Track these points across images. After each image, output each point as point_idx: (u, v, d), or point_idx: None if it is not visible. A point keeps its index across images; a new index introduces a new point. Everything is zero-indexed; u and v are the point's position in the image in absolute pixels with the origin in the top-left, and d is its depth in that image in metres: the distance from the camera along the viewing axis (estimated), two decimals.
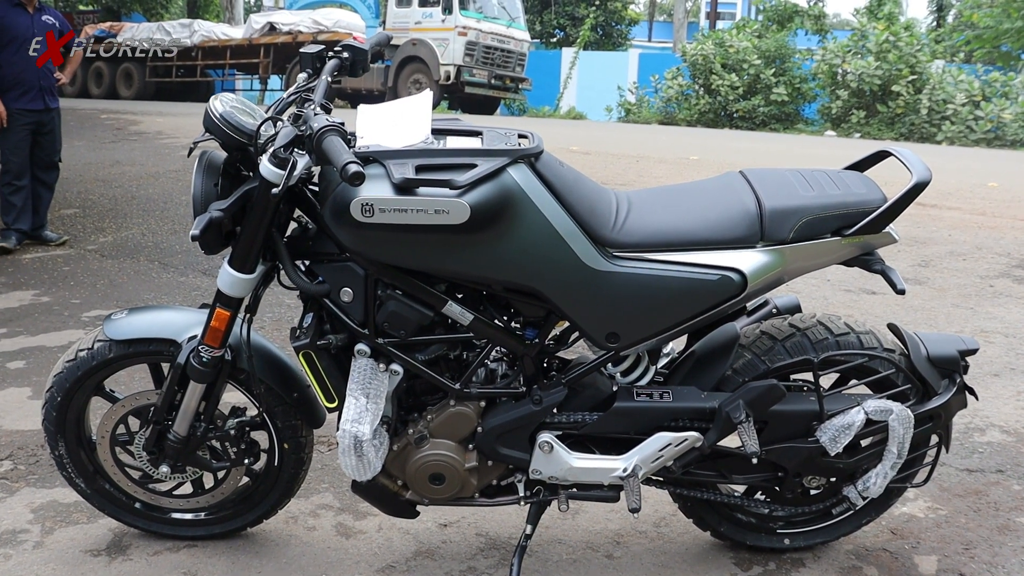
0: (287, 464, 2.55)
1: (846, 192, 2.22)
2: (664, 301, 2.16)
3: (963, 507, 2.93)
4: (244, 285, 2.22)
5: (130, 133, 12.88)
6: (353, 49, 2.36)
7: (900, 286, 2.20)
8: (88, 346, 2.44)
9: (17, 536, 2.69)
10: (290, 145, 2.00)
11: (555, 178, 2.11)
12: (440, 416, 2.29)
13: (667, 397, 2.29)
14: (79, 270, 5.78)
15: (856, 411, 2.29)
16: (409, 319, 2.17)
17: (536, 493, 2.38)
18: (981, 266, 5.82)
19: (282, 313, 4.74)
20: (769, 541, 2.61)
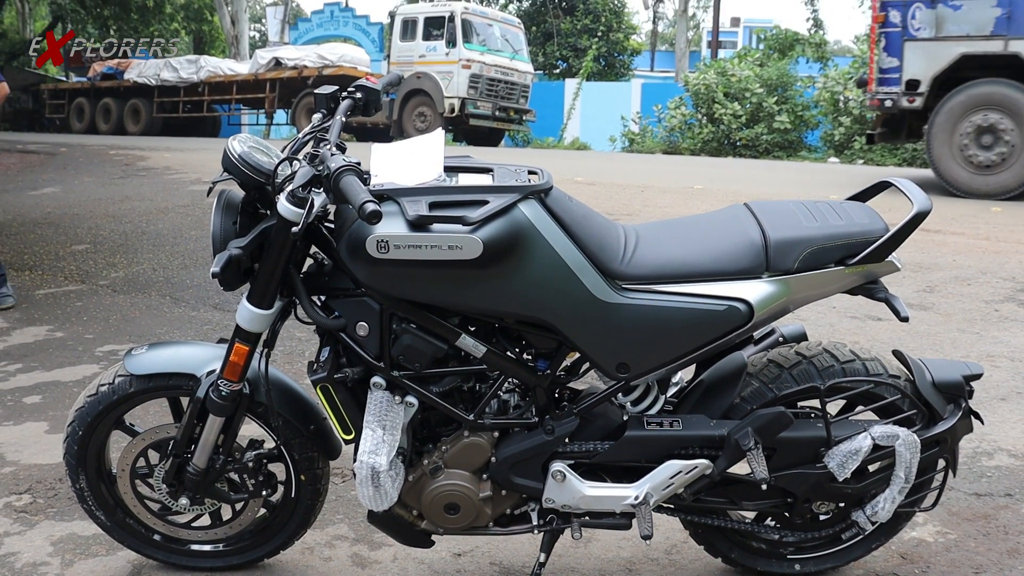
0: (304, 495, 2.59)
1: (849, 223, 2.27)
2: (673, 331, 2.21)
3: (972, 531, 2.95)
4: (263, 320, 2.27)
5: (138, 168, 13.00)
6: (366, 89, 2.43)
7: (904, 313, 2.25)
8: (109, 381, 2.49)
9: (38, 569, 2.73)
10: (308, 185, 2.06)
11: (565, 213, 2.17)
12: (455, 447, 2.33)
13: (677, 425, 2.33)
14: (92, 305, 5.85)
15: (863, 437, 2.33)
16: (424, 352, 2.22)
17: (549, 521, 2.41)
18: (986, 291, 5.85)
19: (294, 347, 4.79)
20: (780, 567, 2.64)
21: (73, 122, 24.91)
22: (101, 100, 24.17)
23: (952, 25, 9.37)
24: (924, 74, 9.56)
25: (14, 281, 6.48)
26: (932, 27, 9.47)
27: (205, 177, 2.84)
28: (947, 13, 9.36)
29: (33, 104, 27.65)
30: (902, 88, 9.74)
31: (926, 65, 9.53)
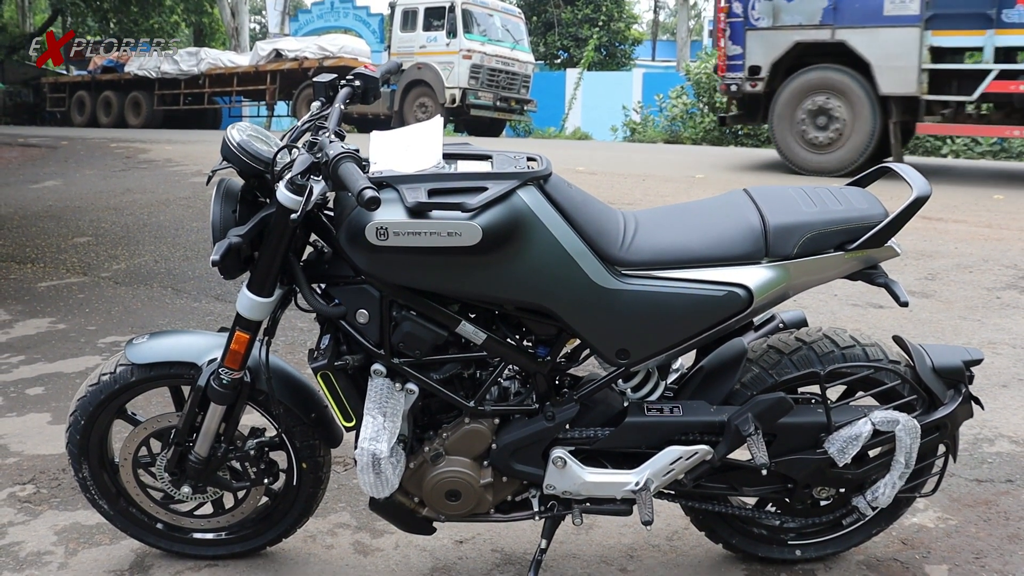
0: (305, 483, 2.60)
1: (848, 208, 2.27)
2: (672, 317, 2.21)
3: (973, 517, 2.95)
4: (263, 308, 2.28)
5: (140, 161, 13.01)
6: (364, 77, 2.42)
7: (903, 298, 2.25)
8: (111, 370, 2.50)
9: (42, 558, 2.75)
10: (307, 172, 2.06)
11: (564, 199, 2.17)
12: (455, 434, 2.34)
13: (677, 411, 2.34)
14: (94, 297, 5.86)
15: (863, 422, 2.33)
16: (424, 339, 2.22)
17: (550, 508, 2.42)
18: (988, 278, 5.84)
19: (296, 336, 4.79)
20: (781, 552, 2.65)
21: (74, 115, 24.90)
22: (102, 93, 24.15)
23: (787, 16, 10.29)
24: (764, 61, 10.48)
25: (16, 274, 6.50)
26: (770, 17, 10.41)
27: (206, 169, 2.84)
28: (782, 4, 10.29)
29: (34, 98, 27.65)
30: (745, 74, 10.65)
31: (765, 52, 10.44)
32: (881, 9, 9.58)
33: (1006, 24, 9.07)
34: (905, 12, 9.50)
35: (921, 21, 9.42)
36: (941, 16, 9.42)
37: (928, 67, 9.47)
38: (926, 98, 9.58)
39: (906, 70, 9.52)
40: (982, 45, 9.31)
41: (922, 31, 9.41)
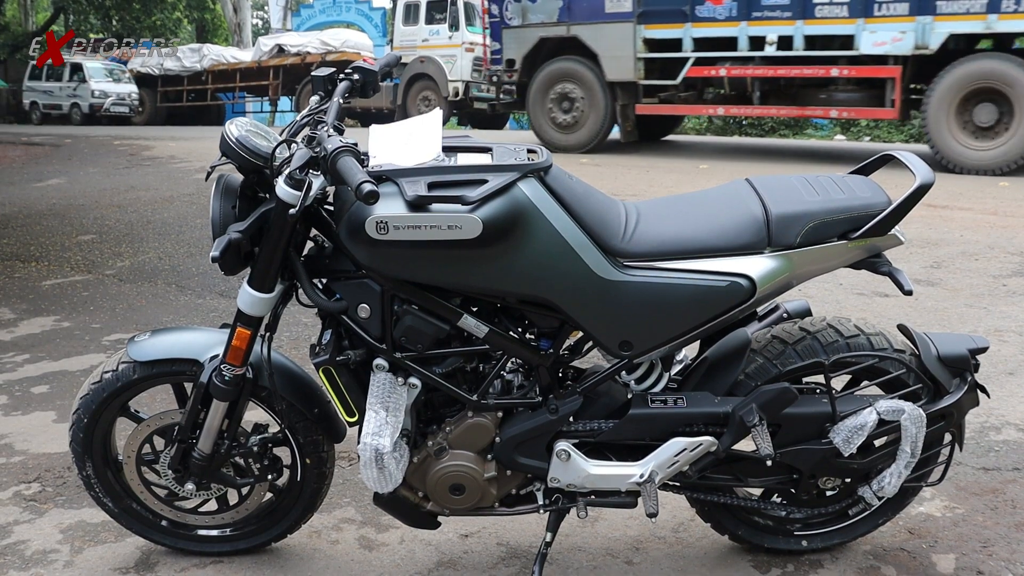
0: (310, 479, 2.59)
1: (851, 196, 2.25)
2: (675, 308, 2.20)
3: (980, 505, 2.94)
4: (263, 304, 2.27)
5: (143, 158, 13.02)
6: (364, 71, 2.41)
7: (907, 287, 2.23)
8: (113, 368, 2.49)
9: (47, 556, 2.75)
10: (305, 167, 2.05)
11: (565, 191, 2.16)
12: (458, 427, 2.33)
13: (681, 403, 2.33)
14: (98, 295, 5.86)
15: (868, 412, 2.32)
16: (426, 333, 2.21)
17: (555, 501, 2.42)
18: (994, 265, 5.82)
19: (300, 332, 4.79)
20: (787, 543, 2.64)
21: None
22: None
23: (533, 15, 12.14)
24: (517, 54, 12.34)
25: (21, 272, 6.50)
26: (520, 17, 12.26)
27: (209, 165, 2.84)
28: (529, 5, 12.12)
29: None
30: (504, 66, 12.58)
31: (518, 47, 12.29)
32: (603, 7, 11.36)
33: (699, 18, 10.91)
34: (621, 9, 11.27)
35: (634, 17, 11.17)
36: (650, 12, 11.16)
37: (643, 56, 11.30)
38: (643, 83, 11.40)
39: (625, 59, 11.31)
40: (681, 36, 11.07)
41: (635, 25, 11.19)
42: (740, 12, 10.70)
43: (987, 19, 9.27)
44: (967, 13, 9.32)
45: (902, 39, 9.68)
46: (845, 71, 10.19)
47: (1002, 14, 9.13)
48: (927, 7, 9.54)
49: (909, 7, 9.62)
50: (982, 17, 9.28)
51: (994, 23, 9.24)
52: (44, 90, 26.21)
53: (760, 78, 10.80)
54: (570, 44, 11.79)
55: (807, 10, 10.23)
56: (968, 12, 9.33)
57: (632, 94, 11.63)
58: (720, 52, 10.92)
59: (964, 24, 9.41)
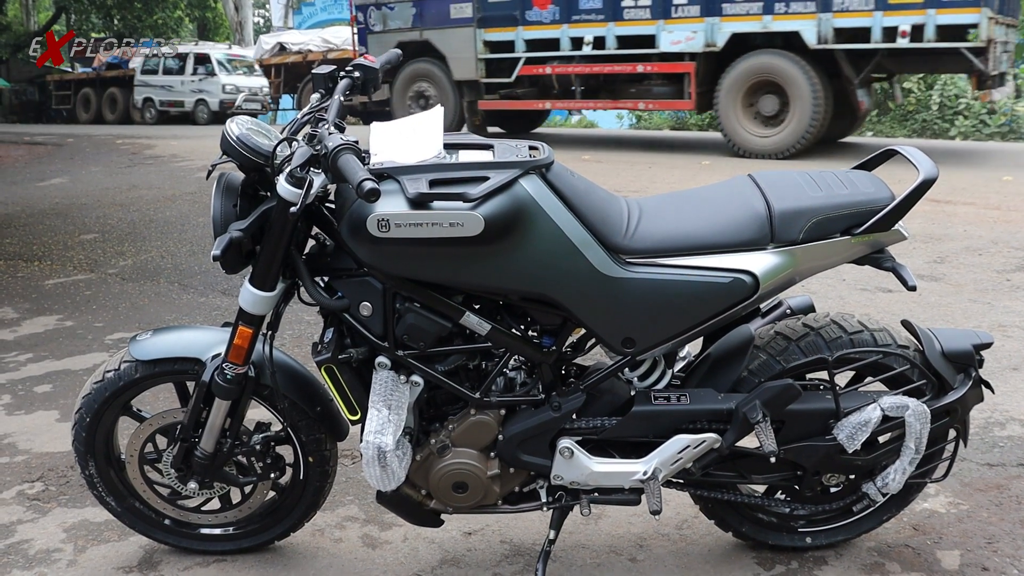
0: (312, 477, 2.59)
1: (854, 191, 2.25)
2: (678, 305, 2.19)
3: (984, 501, 2.93)
4: (265, 303, 2.27)
5: (145, 157, 13.02)
6: (364, 68, 2.40)
7: (911, 282, 2.22)
8: (115, 367, 2.49)
9: (51, 555, 2.75)
10: (306, 165, 2.04)
11: (566, 188, 2.15)
12: (461, 425, 2.33)
13: (684, 400, 2.32)
14: (101, 294, 5.86)
15: (872, 408, 2.31)
16: (428, 331, 2.21)
17: (558, 498, 2.41)
18: (997, 260, 5.81)
19: (302, 330, 4.79)
20: (791, 540, 2.63)
21: (79, 112, 24.95)
22: (107, 90, 24.18)
23: (392, 22, 13.37)
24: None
25: (24, 272, 6.51)
26: (382, 24, 13.49)
27: (210, 163, 2.84)
28: (388, 13, 13.38)
29: (39, 95, 27.70)
30: None
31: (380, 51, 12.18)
32: (449, 14, 12.62)
33: (529, 22, 12.09)
34: (463, 15, 12.55)
35: (474, 22, 12.41)
36: (487, 17, 12.39)
37: (483, 57, 12.48)
38: (484, 81, 12.58)
39: (468, 60, 12.56)
40: (514, 39, 12.22)
41: (476, 29, 12.41)
42: (562, 16, 11.87)
43: (763, 20, 10.45)
44: (747, 15, 10.52)
45: (694, 38, 10.88)
46: (649, 67, 11.34)
47: (775, 15, 10.33)
48: (714, 9, 10.72)
49: (700, 9, 10.82)
50: (759, 18, 10.48)
51: (769, 23, 10.41)
52: (162, 85, 23.66)
53: (581, 75, 11.96)
54: (424, 47, 13.05)
55: (617, 13, 11.47)
56: (748, 14, 10.51)
57: (476, 91, 12.84)
58: (546, 52, 12.10)
59: (745, 24, 10.58)
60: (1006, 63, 10.67)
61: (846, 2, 9.90)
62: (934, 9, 9.46)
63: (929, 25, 9.51)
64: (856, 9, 9.83)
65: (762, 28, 10.46)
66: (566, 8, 11.80)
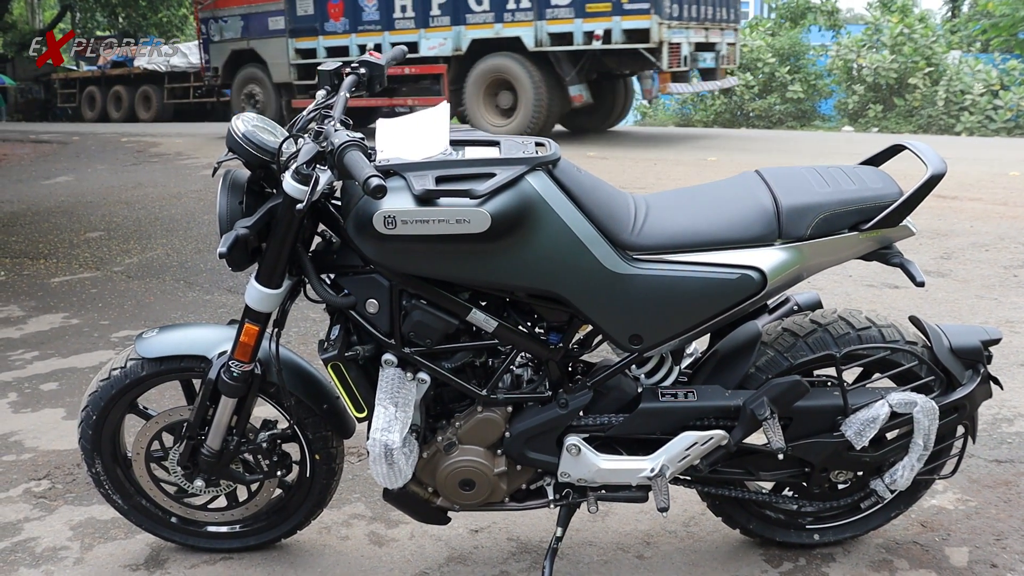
0: (319, 475, 2.59)
1: (862, 187, 2.24)
2: (685, 302, 2.19)
3: (993, 498, 2.92)
4: (271, 300, 2.26)
5: (151, 155, 13.03)
6: (370, 65, 2.40)
7: (919, 278, 2.21)
8: (121, 365, 2.49)
9: (58, 553, 2.75)
10: (312, 161, 2.04)
11: (573, 184, 2.14)
12: (468, 423, 2.32)
13: (692, 396, 2.31)
14: (107, 292, 5.86)
15: (880, 404, 2.30)
16: (434, 328, 2.20)
17: (565, 496, 2.41)
18: (1004, 256, 5.79)
19: (308, 327, 4.79)
20: (799, 537, 2.63)
21: (85, 111, 24.93)
22: (112, 88, 24.16)
23: (227, 33, 15.33)
24: (219, 63, 15.63)
25: (30, 270, 6.51)
26: (219, 34, 15.51)
27: (216, 161, 2.82)
28: (224, 25, 15.33)
29: (45, 94, 27.70)
30: (212, 73, 15.99)
31: (219, 58, 15.62)
32: (268, 25, 14.45)
33: (327, 32, 13.88)
34: (279, 27, 14.33)
35: (287, 32, 14.22)
36: (297, 28, 14.17)
37: (295, 63, 14.32)
38: (296, 83, 14.45)
39: (283, 66, 14.44)
40: (316, 46, 14.03)
41: (288, 39, 14.23)
42: (350, 26, 13.73)
43: (495, 27, 12.28)
44: (484, 23, 12.40)
45: (445, 44, 12.78)
46: (414, 70, 13.10)
47: (505, 23, 12.17)
48: (460, 19, 12.55)
49: (449, 20, 12.68)
50: (492, 26, 12.33)
51: (500, 30, 12.21)
52: None
53: None
54: (252, 55, 14.94)
55: (390, 23, 13.34)
56: (484, 22, 12.38)
57: (291, 92, 14.61)
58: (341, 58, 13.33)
59: (482, 31, 12.41)
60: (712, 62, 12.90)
61: (556, 11, 11.80)
62: (619, 16, 11.35)
63: (616, 30, 11.41)
64: (563, 17, 11.76)
65: (494, 34, 12.30)
66: (353, 20, 13.68)
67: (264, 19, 14.56)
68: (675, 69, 11.79)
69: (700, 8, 12.27)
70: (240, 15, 14.97)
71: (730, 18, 13.28)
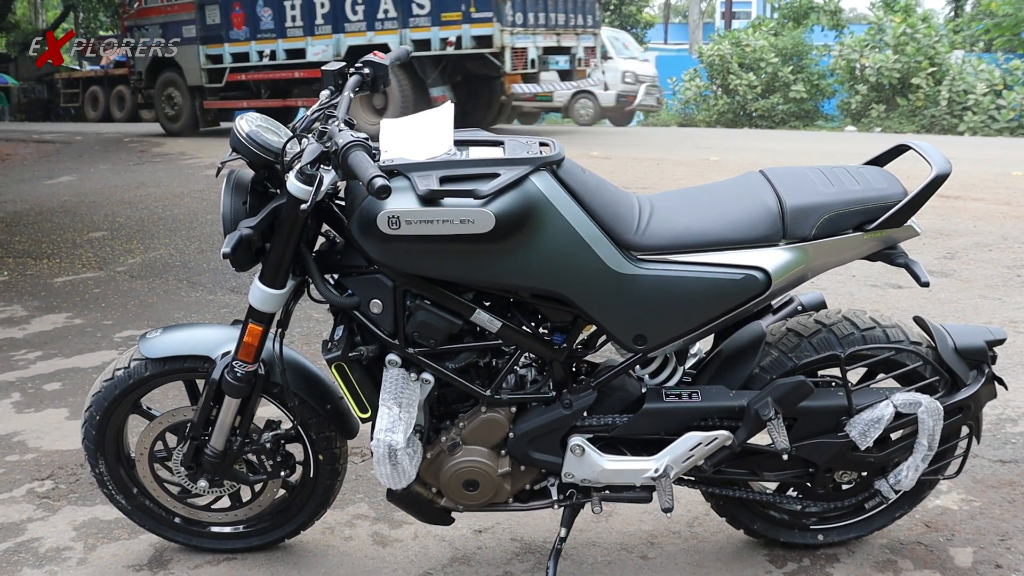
0: (322, 475, 2.59)
1: (867, 187, 2.23)
2: (689, 302, 2.18)
3: (997, 498, 2.92)
4: (275, 300, 2.26)
5: (153, 155, 13.04)
6: (374, 65, 2.40)
7: (924, 278, 2.21)
8: (124, 365, 2.49)
9: (61, 553, 2.75)
10: (316, 161, 2.04)
11: (577, 184, 2.14)
12: (472, 423, 2.32)
13: (696, 397, 2.31)
14: (110, 292, 5.87)
15: (885, 405, 2.30)
16: (438, 328, 2.20)
17: (569, 496, 2.40)
18: (1008, 256, 5.79)
19: (311, 327, 4.79)
20: (803, 537, 2.62)
21: (88, 111, 24.93)
22: (115, 88, 24.16)
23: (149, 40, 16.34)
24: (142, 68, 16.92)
25: (33, 270, 6.52)
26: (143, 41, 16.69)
27: (219, 161, 2.81)
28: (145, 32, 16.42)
29: (47, 94, 27.70)
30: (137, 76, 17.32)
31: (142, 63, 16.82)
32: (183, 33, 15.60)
33: (232, 39, 15.17)
34: (192, 35, 15.54)
35: (198, 40, 15.44)
36: (206, 36, 15.44)
37: (205, 67, 15.54)
38: (206, 86, 15.65)
39: (196, 70, 15.66)
40: (223, 52, 15.32)
41: (199, 46, 15.46)
42: (251, 34, 14.95)
43: (367, 35, 13.64)
44: (358, 31, 13.78)
45: (327, 50, 14.01)
46: (302, 73, 14.43)
47: (376, 31, 13.58)
48: (339, 28, 13.91)
49: (331, 28, 14.00)
50: (364, 34, 13.72)
51: (372, 38, 13.56)
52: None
53: (264, 80, 15.14)
54: (170, 61, 16.06)
55: (283, 31, 14.54)
56: (359, 30, 13.76)
57: (203, 95, 15.90)
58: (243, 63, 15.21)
59: (357, 39, 13.74)
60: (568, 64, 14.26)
61: (417, 20, 13.19)
62: (469, 24, 12.74)
63: (466, 36, 12.81)
64: (422, 25, 13.16)
65: (367, 41, 13.53)
66: (253, 28, 14.91)
67: (179, 27, 15.80)
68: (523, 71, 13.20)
69: (549, 15, 13.63)
70: (159, 24, 16.29)
71: (587, 24, 14.59)
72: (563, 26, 13.93)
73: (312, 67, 14.10)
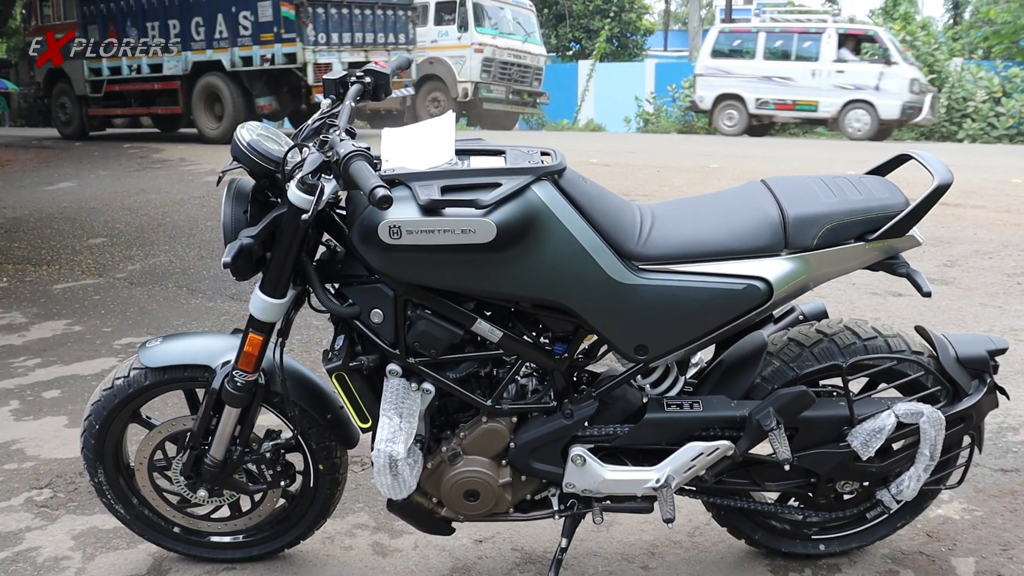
0: (322, 485, 2.58)
1: (868, 197, 2.23)
2: (691, 312, 2.18)
3: (999, 508, 2.91)
4: (276, 310, 2.25)
5: (153, 161, 13.03)
6: (375, 73, 2.39)
7: (926, 288, 2.21)
8: (124, 374, 2.48)
9: (59, 563, 2.74)
10: (317, 171, 2.03)
11: (579, 194, 2.14)
12: (473, 433, 2.31)
13: (697, 407, 2.30)
14: (109, 298, 5.86)
15: (887, 415, 2.29)
16: (439, 338, 2.19)
17: (570, 506, 2.39)
18: (1008, 264, 5.78)
19: (311, 335, 4.78)
20: (804, 547, 2.62)
21: None
22: None
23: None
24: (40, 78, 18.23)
25: (32, 276, 6.51)
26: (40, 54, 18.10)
27: (219, 168, 2.80)
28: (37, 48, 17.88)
29: None
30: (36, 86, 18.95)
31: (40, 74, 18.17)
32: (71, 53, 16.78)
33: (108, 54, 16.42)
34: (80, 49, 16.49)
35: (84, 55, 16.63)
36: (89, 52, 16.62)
37: (88, 79, 16.90)
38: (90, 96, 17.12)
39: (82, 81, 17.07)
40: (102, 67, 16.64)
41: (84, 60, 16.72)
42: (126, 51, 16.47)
43: (207, 52, 15.28)
44: (201, 49, 15.40)
45: (177, 66, 15.74)
46: (159, 85, 16.26)
47: (214, 49, 15.18)
48: (187, 46, 15.55)
49: (180, 46, 15.62)
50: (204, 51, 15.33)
51: (211, 55, 15.23)
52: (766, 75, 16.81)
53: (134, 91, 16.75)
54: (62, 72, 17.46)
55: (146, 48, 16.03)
56: (200, 48, 15.41)
57: (87, 103, 17.37)
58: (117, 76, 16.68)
59: (200, 56, 15.42)
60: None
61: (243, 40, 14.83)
62: (280, 44, 14.49)
63: (278, 54, 14.55)
64: (246, 44, 14.81)
65: (207, 58, 15.31)
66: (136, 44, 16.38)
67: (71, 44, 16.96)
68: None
69: (355, 35, 15.32)
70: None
71: (399, 41, 16.13)
72: (371, 44, 15.55)
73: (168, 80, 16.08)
